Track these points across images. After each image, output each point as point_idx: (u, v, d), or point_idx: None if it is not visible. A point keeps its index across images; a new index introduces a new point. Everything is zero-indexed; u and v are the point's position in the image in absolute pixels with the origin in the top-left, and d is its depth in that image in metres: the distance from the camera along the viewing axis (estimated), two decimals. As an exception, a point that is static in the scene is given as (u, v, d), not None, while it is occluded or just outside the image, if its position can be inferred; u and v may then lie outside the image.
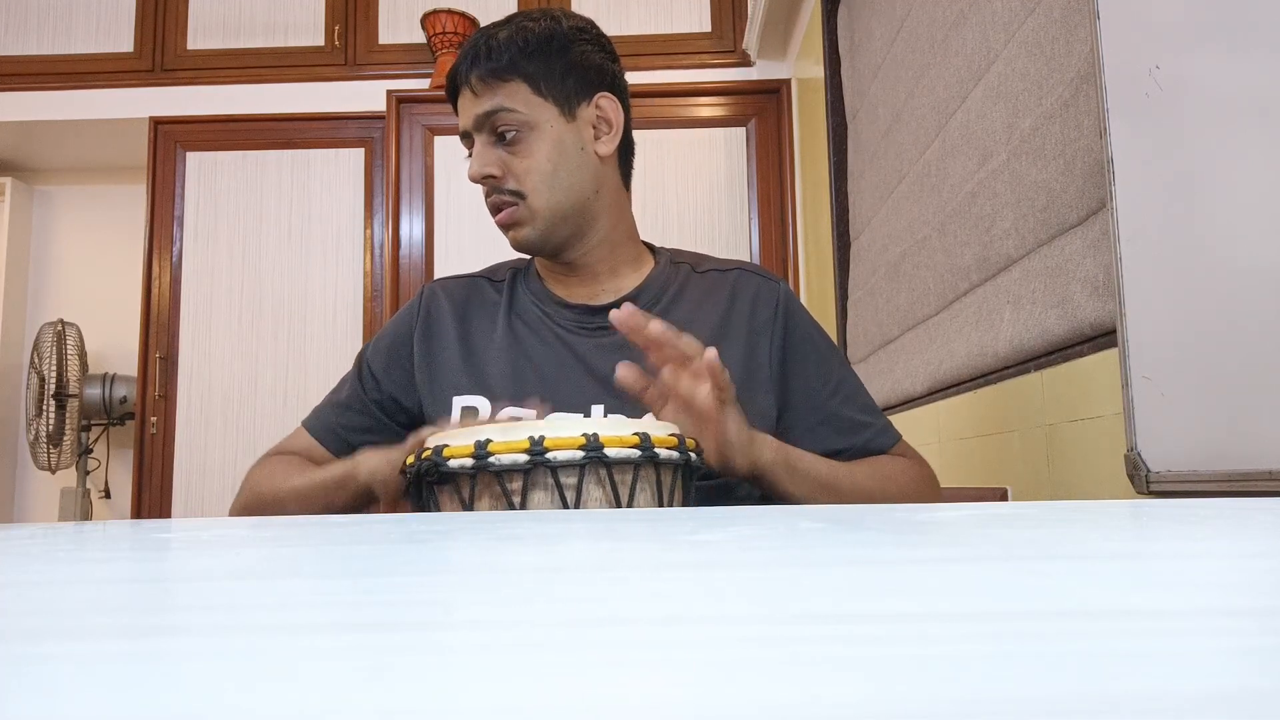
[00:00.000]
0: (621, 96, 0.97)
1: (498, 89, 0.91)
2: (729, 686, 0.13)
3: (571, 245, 0.95)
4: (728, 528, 0.38)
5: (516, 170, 0.91)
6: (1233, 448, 0.78)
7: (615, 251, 0.97)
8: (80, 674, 0.14)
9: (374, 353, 1.00)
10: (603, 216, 0.96)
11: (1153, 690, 0.13)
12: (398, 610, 0.20)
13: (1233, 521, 0.38)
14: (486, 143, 0.92)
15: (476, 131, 0.92)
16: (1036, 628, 0.17)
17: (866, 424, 0.96)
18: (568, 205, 0.93)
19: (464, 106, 0.93)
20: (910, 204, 1.76)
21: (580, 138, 0.93)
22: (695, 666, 0.15)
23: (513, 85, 0.91)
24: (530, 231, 0.93)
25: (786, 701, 0.12)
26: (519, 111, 0.91)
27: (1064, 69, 1.12)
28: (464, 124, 0.93)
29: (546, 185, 0.91)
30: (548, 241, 0.94)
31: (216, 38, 3.19)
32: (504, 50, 0.90)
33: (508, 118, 0.91)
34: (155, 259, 3.04)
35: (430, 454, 0.68)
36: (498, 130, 0.91)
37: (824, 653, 0.15)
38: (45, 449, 3.34)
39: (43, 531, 0.47)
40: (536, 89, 0.91)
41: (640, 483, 0.68)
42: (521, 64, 0.91)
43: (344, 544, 0.36)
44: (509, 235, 0.94)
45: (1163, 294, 0.87)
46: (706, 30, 3.10)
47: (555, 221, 0.92)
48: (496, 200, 0.93)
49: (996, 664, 0.14)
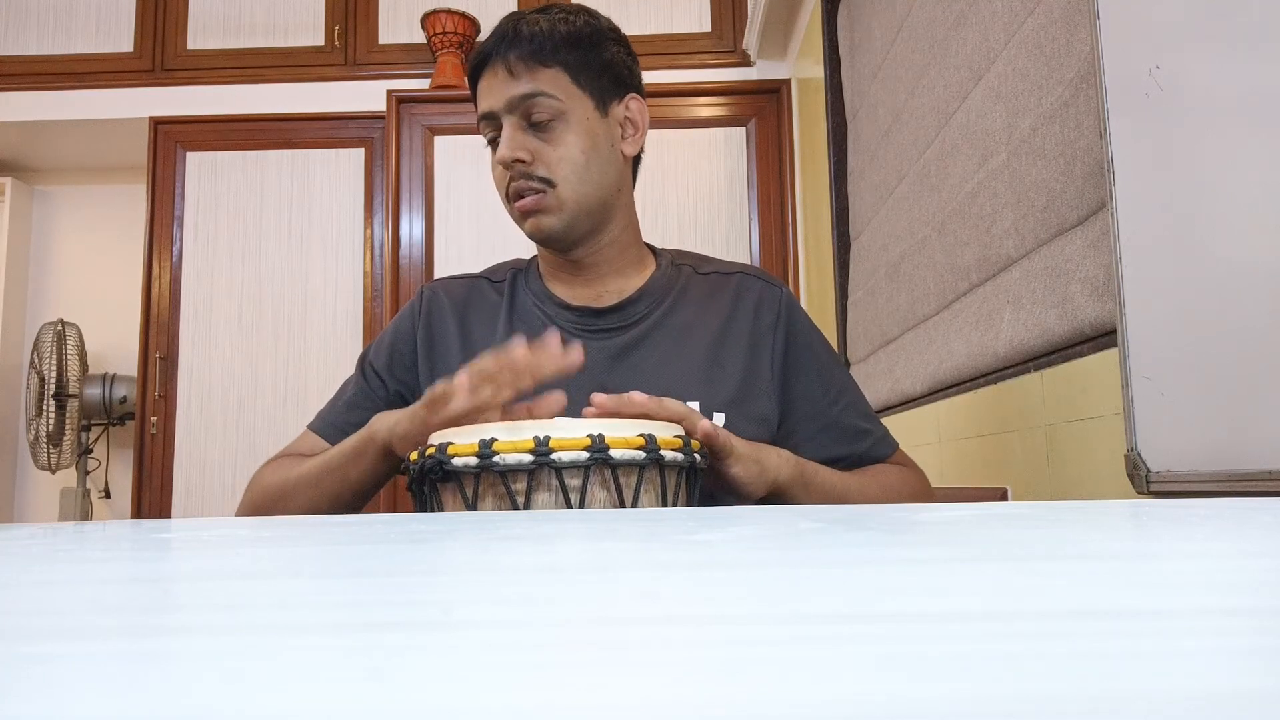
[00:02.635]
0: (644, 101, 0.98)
1: (538, 73, 0.89)
2: (729, 686, 0.13)
3: (586, 241, 0.94)
4: (727, 528, 0.38)
5: (548, 158, 0.90)
6: (1233, 448, 0.78)
7: (623, 253, 0.97)
8: (80, 674, 0.14)
9: (376, 353, 1.00)
10: (618, 216, 0.96)
11: (1153, 690, 0.13)
12: (398, 610, 0.20)
13: (1233, 521, 0.38)
14: (517, 126, 0.90)
15: (508, 113, 0.90)
16: (1036, 628, 0.17)
17: (867, 432, 0.96)
18: (593, 200, 0.92)
19: (494, 87, 0.91)
20: (910, 204, 1.76)
21: (610, 134, 0.93)
22: (695, 666, 0.15)
23: (554, 72, 0.90)
24: (554, 221, 0.91)
25: (787, 701, 0.12)
26: (558, 99, 0.90)
27: (1064, 69, 1.12)
28: (492, 104, 0.91)
29: (577, 176, 0.90)
30: (569, 234, 0.92)
31: (216, 38, 3.19)
32: (548, 36, 0.90)
33: (546, 103, 0.89)
34: (155, 259, 3.04)
35: (434, 452, 0.68)
36: (531, 115, 0.89)
37: (824, 653, 0.15)
38: (45, 449, 3.34)
39: (43, 531, 0.47)
40: (576, 79, 0.91)
41: (645, 484, 0.68)
42: (563, 52, 0.90)
43: (344, 544, 0.36)
44: (529, 223, 0.92)
45: (1163, 294, 0.87)
46: (706, 30, 3.10)
47: (579, 214, 0.92)
48: (522, 186, 0.90)
49: (996, 664, 0.14)
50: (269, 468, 0.95)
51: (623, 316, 0.95)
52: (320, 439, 0.97)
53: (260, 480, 0.94)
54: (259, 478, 0.94)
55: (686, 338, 0.94)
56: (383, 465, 0.84)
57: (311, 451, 0.96)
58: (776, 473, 0.80)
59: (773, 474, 0.80)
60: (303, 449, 0.97)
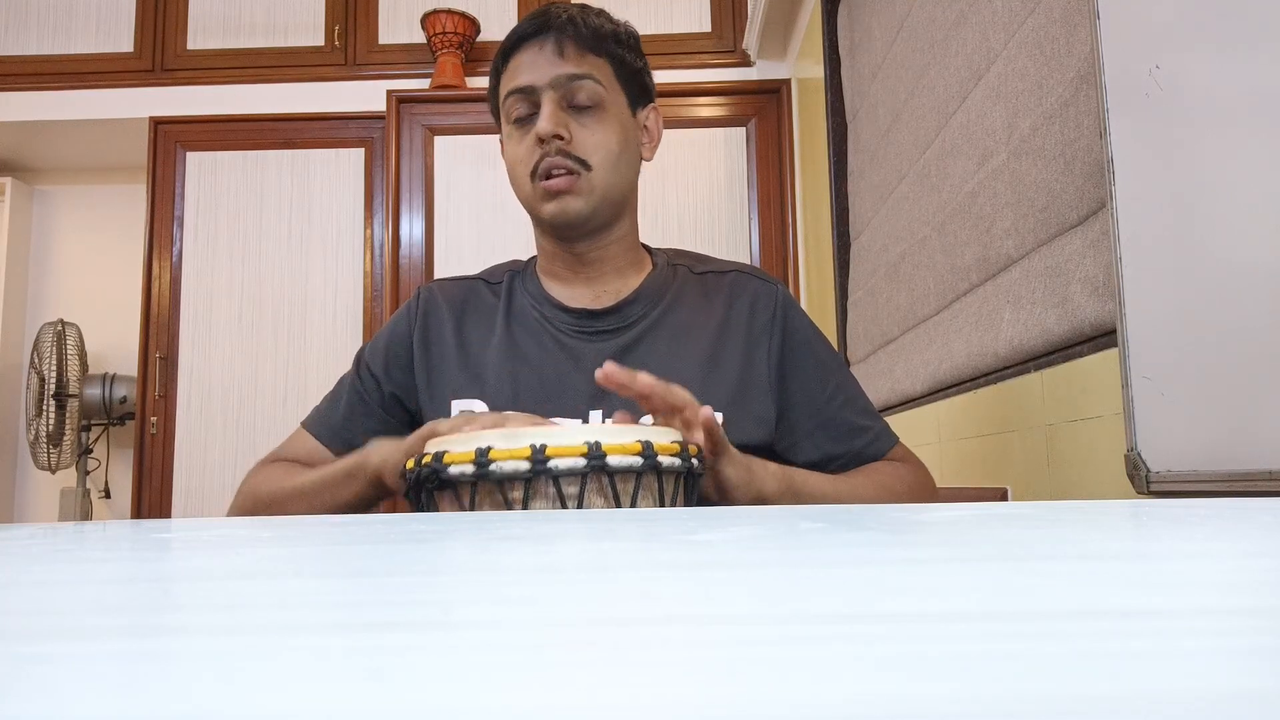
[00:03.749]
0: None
1: (588, 58, 0.92)
2: (729, 686, 0.13)
3: (599, 233, 0.95)
4: (727, 528, 0.38)
5: (586, 141, 0.91)
6: (1233, 448, 0.78)
7: (625, 253, 0.98)
8: (80, 674, 0.14)
9: (372, 354, 0.99)
10: (627, 216, 0.97)
11: (1153, 690, 0.13)
12: (398, 610, 0.20)
13: (1233, 521, 0.38)
14: (559, 104, 0.91)
15: (550, 90, 0.91)
16: (1036, 628, 0.17)
17: (866, 428, 0.95)
18: (617, 192, 0.94)
19: (538, 63, 0.91)
20: (910, 204, 1.76)
21: (636, 135, 0.96)
22: (695, 666, 0.15)
23: (603, 61, 0.93)
24: (582, 204, 0.91)
25: (787, 701, 0.12)
26: (603, 87, 0.92)
27: (1064, 69, 1.12)
28: (534, 79, 0.91)
29: (610, 163, 0.92)
30: (590, 220, 0.93)
31: (216, 38, 3.19)
32: (599, 28, 0.93)
33: (592, 88, 0.91)
34: (155, 259, 3.04)
35: (430, 460, 0.68)
36: (575, 97, 0.91)
37: (824, 653, 0.15)
38: (45, 449, 3.34)
39: (43, 531, 0.47)
40: (618, 74, 0.94)
41: (642, 490, 0.68)
42: (612, 46, 0.94)
43: (344, 544, 0.36)
44: (554, 204, 0.91)
45: (1163, 294, 0.87)
46: (706, 30, 3.10)
47: (605, 203, 0.93)
48: (556, 163, 0.90)
49: (996, 664, 0.14)
50: (262, 472, 0.94)
51: (620, 318, 0.95)
52: (314, 439, 0.97)
53: (254, 486, 0.93)
54: (251, 483, 0.94)
55: (684, 338, 0.94)
56: (372, 492, 0.84)
57: (304, 453, 0.96)
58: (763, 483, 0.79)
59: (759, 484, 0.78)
60: (295, 450, 0.97)
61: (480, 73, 3.11)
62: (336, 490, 0.85)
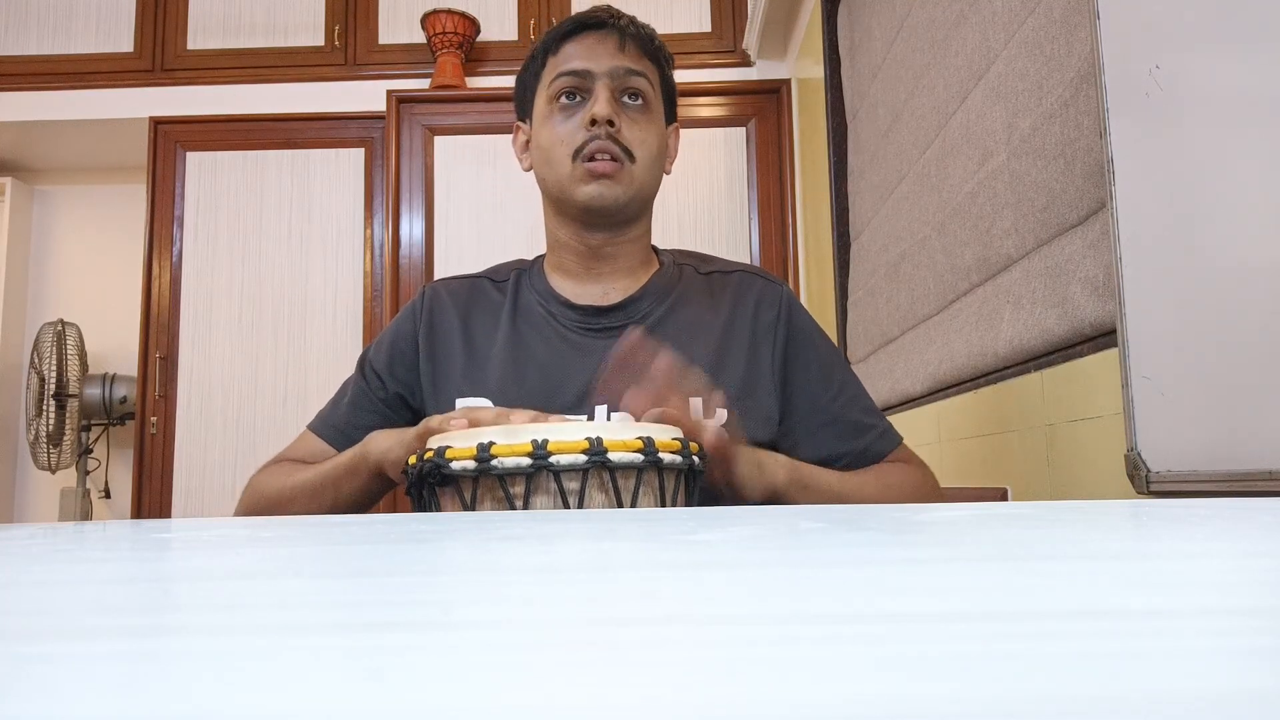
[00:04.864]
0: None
1: (644, 60, 0.95)
2: (729, 686, 0.13)
3: (623, 229, 0.96)
4: (727, 528, 0.38)
5: (634, 135, 0.93)
6: (1233, 448, 0.78)
7: (638, 253, 0.99)
8: (80, 674, 0.14)
9: (376, 354, 0.99)
10: (647, 217, 0.99)
11: (1153, 690, 0.13)
12: (398, 610, 0.20)
13: (1233, 521, 0.38)
14: (614, 93, 0.93)
15: (608, 78, 0.93)
16: (1036, 628, 0.17)
17: (870, 426, 0.96)
18: (649, 190, 0.96)
19: (600, 50, 0.93)
20: (910, 204, 1.76)
21: (665, 145, 0.99)
22: (695, 666, 0.15)
23: (652, 66, 0.96)
24: (621, 193, 0.92)
25: (787, 701, 0.12)
26: (653, 90, 0.96)
27: (1064, 69, 1.12)
28: (594, 65, 0.93)
29: (650, 160, 0.95)
30: (625, 209, 0.94)
31: (216, 38, 3.19)
32: (654, 38, 0.97)
33: (647, 87, 0.95)
34: (155, 259, 3.04)
35: (432, 455, 0.68)
36: (629, 91, 0.94)
37: (824, 653, 0.15)
38: (45, 449, 3.34)
39: (43, 531, 0.47)
40: (660, 83, 0.97)
41: (643, 486, 0.68)
42: (661, 58, 0.97)
43: (344, 544, 0.36)
44: (594, 186, 0.91)
45: (1163, 294, 0.87)
46: (706, 30, 3.10)
47: (638, 198, 0.95)
48: (604, 146, 0.91)
49: (996, 664, 0.14)
50: (266, 473, 0.95)
51: (626, 315, 0.95)
52: (320, 440, 0.97)
53: (258, 486, 0.94)
54: (256, 483, 0.94)
55: (689, 336, 0.94)
56: (375, 484, 0.86)
57: (310, 454, 0.96)
58: (773, 476, 0.81)
59: (769, 477, 0.81)
60: (301, 452, 0.97)
61: (480, 73, 3.12)
62: (340, 485, 0.86)
